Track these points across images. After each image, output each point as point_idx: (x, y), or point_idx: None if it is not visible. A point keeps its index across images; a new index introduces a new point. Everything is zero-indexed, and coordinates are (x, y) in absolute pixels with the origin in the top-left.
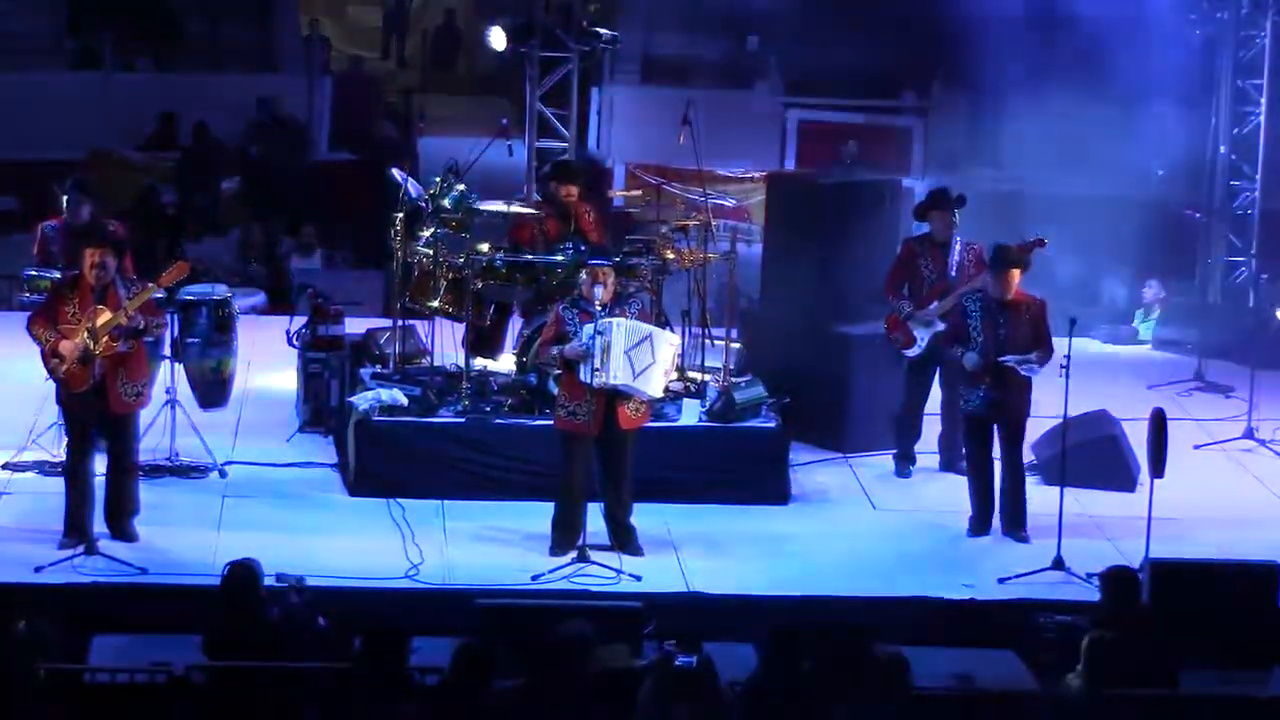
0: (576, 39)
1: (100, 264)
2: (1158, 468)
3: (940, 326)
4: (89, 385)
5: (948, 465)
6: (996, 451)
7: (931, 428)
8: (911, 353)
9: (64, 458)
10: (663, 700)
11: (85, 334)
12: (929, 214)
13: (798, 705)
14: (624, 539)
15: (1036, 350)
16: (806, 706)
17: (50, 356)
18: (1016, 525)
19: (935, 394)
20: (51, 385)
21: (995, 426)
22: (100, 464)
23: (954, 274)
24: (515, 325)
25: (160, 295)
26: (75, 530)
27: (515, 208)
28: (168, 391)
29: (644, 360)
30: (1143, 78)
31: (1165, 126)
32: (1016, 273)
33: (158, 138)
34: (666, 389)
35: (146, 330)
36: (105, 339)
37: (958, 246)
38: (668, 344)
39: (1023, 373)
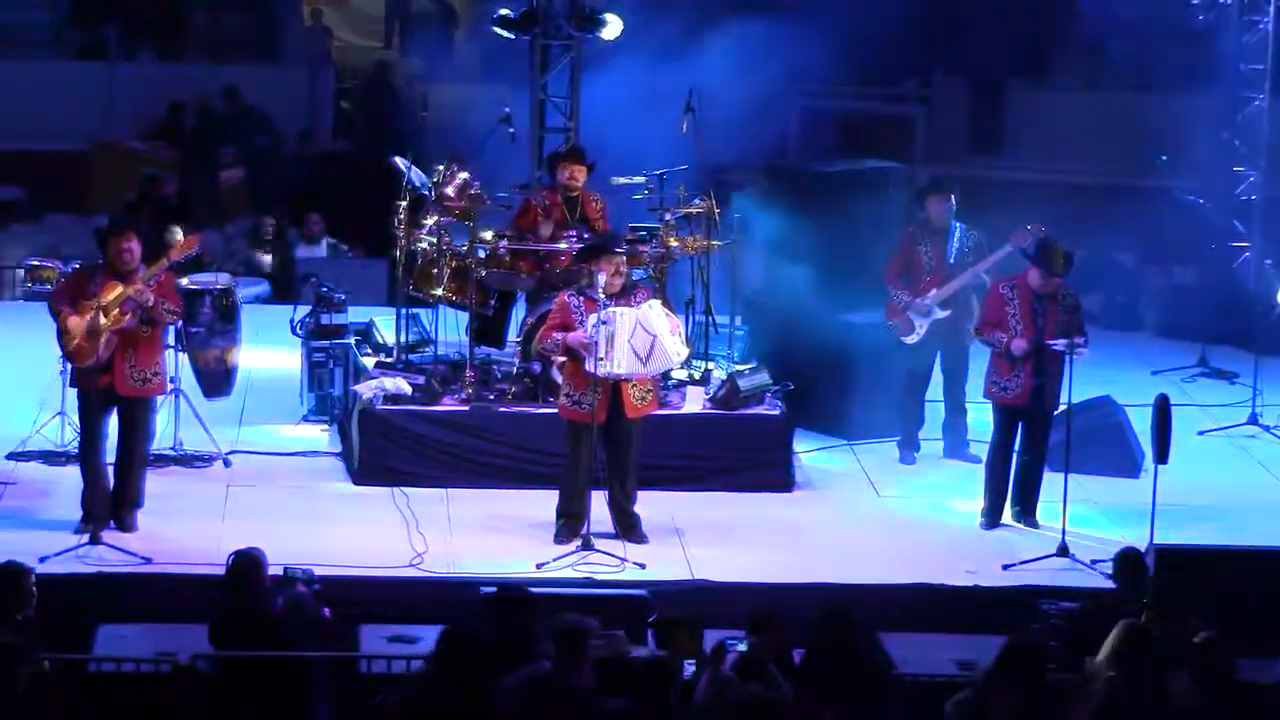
0: (579, 27)
1: (127, 249)
2: (1162, 454)
3: (940, 314)
4: (94, 361)
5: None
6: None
7: (935, 414)
8: (911, 340)
9: (75, 446)
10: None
11: (96, 308)
12: (928, 200)
13: None
14: (628, 527)
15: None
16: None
17: (63, 332)
18: (1029, 511)
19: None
20: (57, 378)
21: (1021, 416)
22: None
23: (953, 261)
24: (519, 313)
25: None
26: (88, 517)
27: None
28: (172, 381)
29: (645, 343)
30: (1145, 63)
31: (1167, 112)
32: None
33: (166, 127)
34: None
35: (155, 309)
36: (115, 312)
37: (957, 233)
38: (654, 313)
39: (1071, 355)
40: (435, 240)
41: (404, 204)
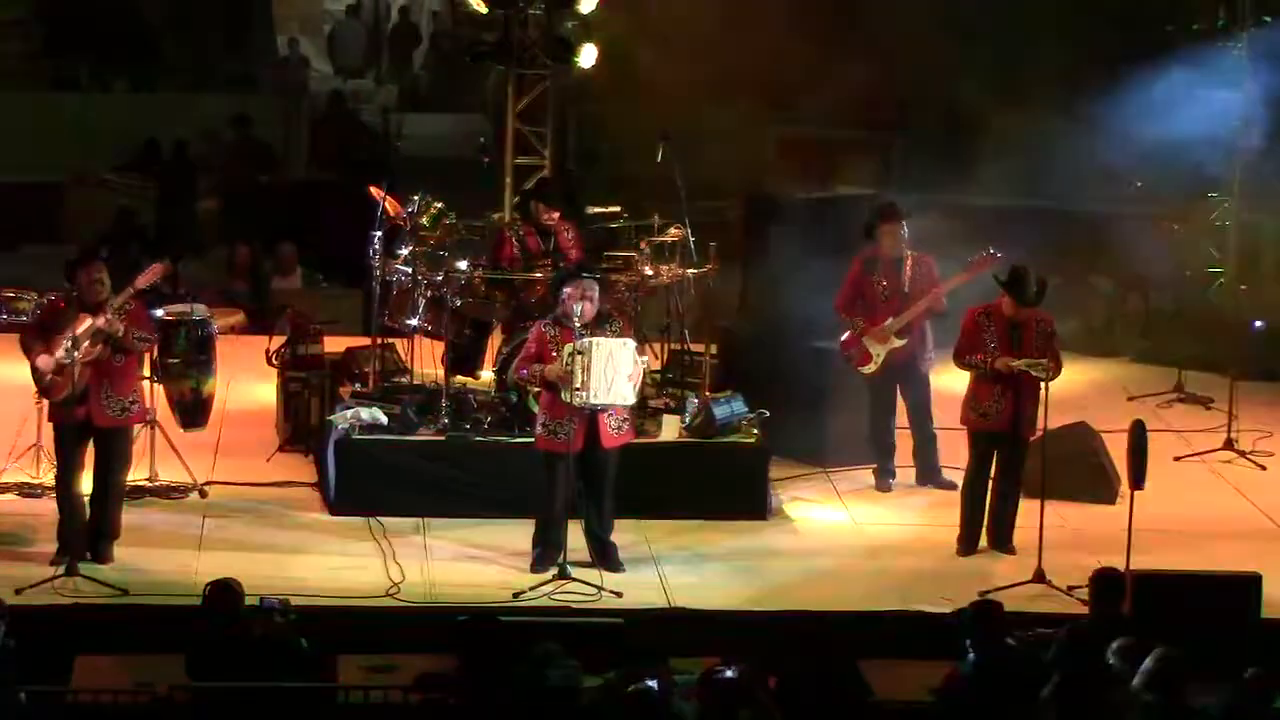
0: (554, 56)
1: (99, 280)
2: (1138, 479)
3: (896, 343)
4: (69, 394)
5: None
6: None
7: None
8: (868, 369)
9: (53, 478)
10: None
11: (68, 342)
12: (877, 229)
13: None
14: (605, 555)
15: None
16: None
17: (34, 370)
18: (1005, 538)
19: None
20: (34, 408)
21: (999, 443)
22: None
23: (907, 289)
24: (495, 343)
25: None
26: (65, 549)
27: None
28: (148, 412)
29: (611, 373)
30: (1118, 89)
31: (1141, 138)
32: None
33: (140, 161)
34: (639, 390)
35: (126, 338)
36: (86, 344)
37: (909, 260)
38: (625, 351)
39: (1034, 375)
40: (410, 270)
41: (379, 234)
